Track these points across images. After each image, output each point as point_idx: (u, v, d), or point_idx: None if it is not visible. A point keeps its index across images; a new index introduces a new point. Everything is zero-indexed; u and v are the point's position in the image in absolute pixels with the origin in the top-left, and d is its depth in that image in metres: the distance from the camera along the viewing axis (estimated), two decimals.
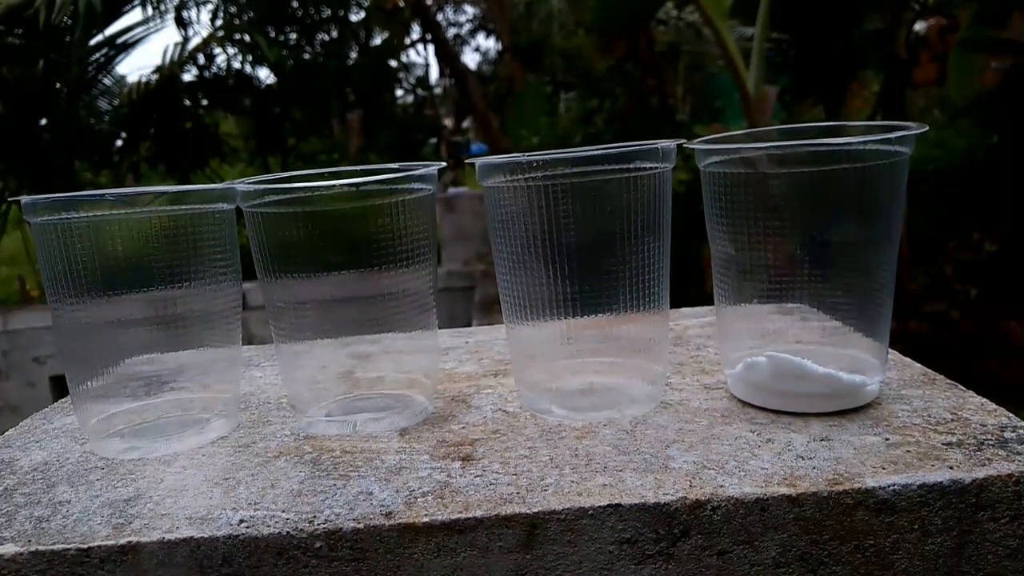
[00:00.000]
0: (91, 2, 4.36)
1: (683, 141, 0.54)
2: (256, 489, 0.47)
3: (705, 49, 6.76)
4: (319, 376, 0.58)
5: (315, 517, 0.43)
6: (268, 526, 0.42)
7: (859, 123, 0.55)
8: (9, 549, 0.42)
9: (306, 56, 7.05)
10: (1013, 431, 0.47)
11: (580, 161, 0.51)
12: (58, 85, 4.99)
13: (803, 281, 0.52)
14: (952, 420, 0.49)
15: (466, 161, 0.60)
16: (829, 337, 0.54)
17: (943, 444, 0.46)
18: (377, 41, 7.68)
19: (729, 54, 3.86)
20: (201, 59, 6.51)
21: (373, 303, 0.55)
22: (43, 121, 5.18)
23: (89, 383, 0.54)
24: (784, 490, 0.42)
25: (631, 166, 0.51)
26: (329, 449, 0.52)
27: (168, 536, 0.42)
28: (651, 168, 0.52)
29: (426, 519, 0.42)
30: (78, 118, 5.39)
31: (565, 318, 0.53)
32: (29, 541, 0.42)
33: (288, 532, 0.42)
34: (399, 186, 0.54)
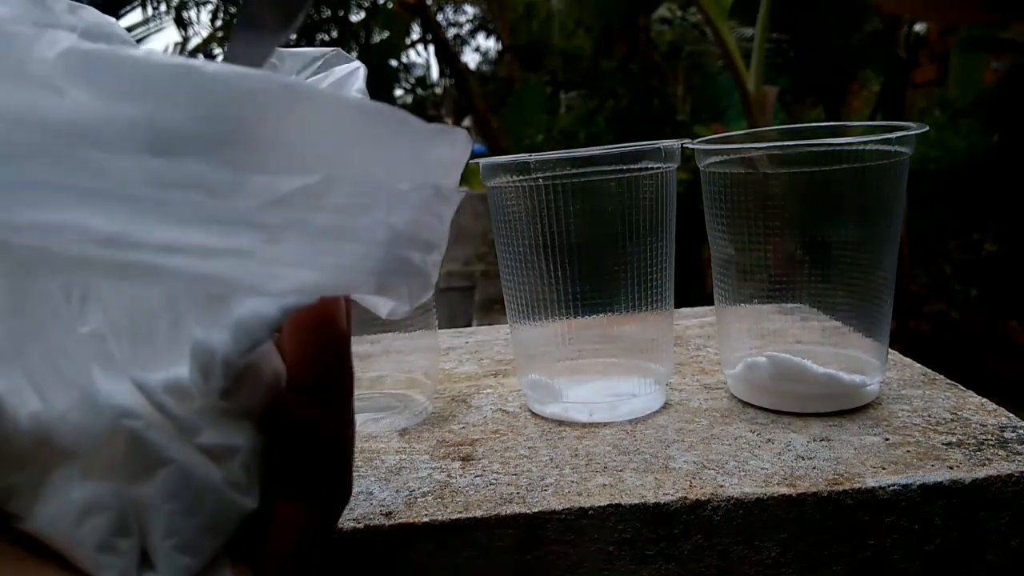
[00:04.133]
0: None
1: (687, 141, 0.54)
2: None
3: (706, 49, 6.77)
4: None
5: None
6: None
7: (859, 123, 0.55)
8: None
9: None
10: (1013, 431, 0.47)
11: (585, 161, 0.51)
12: None
13: (803, 281, 0.52)
14: (952, 420, 0.49)
15: (470, 161, 0.60)
16: (829, 337, 0.54)
17: (943, 444, 0.46)
18: (377, 41, 7.68)
19: (729, 54, 3.87)
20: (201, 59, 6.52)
21: None
22: None
23: None
24: (784, 490, 0.42)
25: (636, 166, 0.51)
26: None
27: None
28: (656, 168, 0.52)
29: (426, 519, 0.42)
30: None
31: (570, 318, 0.53)
32: None
33: None
34: None
